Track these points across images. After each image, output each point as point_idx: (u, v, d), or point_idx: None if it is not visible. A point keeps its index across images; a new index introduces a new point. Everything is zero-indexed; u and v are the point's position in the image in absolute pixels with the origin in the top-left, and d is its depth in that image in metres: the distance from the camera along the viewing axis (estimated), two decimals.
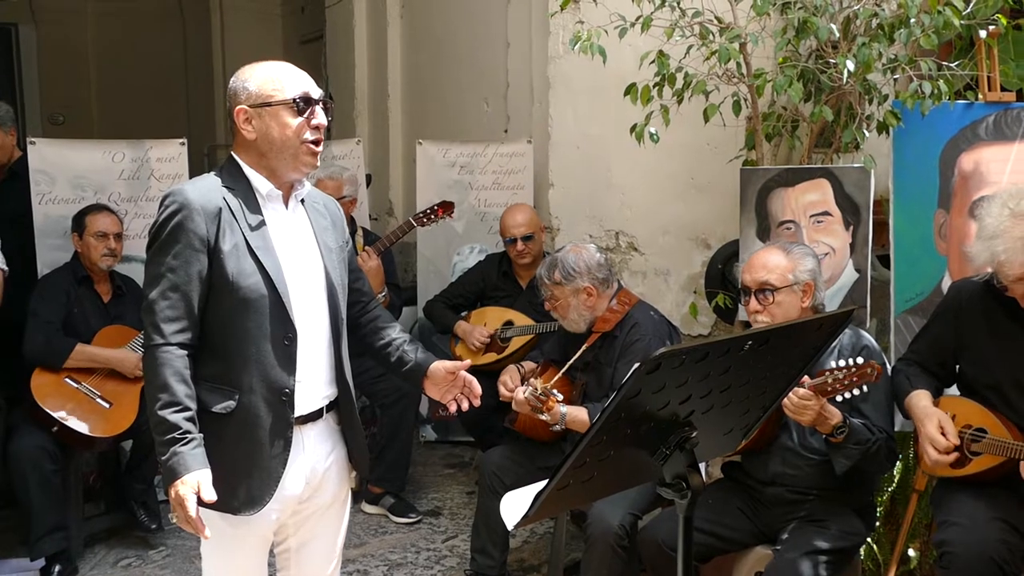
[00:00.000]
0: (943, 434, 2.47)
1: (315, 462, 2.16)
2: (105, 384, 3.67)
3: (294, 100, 2.03)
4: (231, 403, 2.03)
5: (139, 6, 9.12)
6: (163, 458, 1.94)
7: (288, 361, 2.05)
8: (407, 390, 4.03)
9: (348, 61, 6.53)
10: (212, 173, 2.12)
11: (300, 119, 2.04)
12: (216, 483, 1.97)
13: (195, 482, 1.91)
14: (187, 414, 1.96)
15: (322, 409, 2.17)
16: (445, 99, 5.70)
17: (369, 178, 5.58)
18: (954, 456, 2.46)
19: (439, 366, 2.24)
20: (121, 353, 3.71)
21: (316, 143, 2.07)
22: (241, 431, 2.04)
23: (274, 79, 2.06)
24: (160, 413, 1.94)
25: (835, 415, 2.51)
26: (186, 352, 2.00)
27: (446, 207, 4.31)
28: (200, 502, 1.94)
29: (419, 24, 5.97)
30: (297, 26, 8.55)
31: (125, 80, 9.03)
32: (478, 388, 2.25)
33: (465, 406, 2.25)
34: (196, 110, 9.28)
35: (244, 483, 2.04)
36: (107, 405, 3.63)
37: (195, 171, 3.58)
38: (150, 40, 9.22)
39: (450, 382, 2.24)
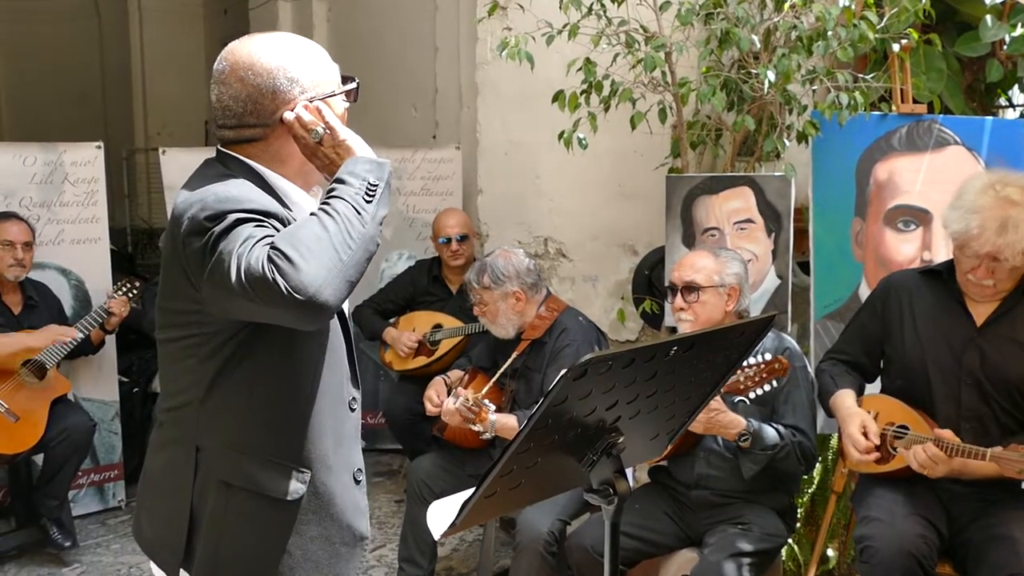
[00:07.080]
0: (865, 434, 2.54)
1: None
2: (13, 397, 3.51)
3: (348, 80, 1.68)
4: (301, 486, 1.58)
5: (51, 5, 8.82)
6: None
7: (355, 431, 1.68)
8: None
9: None
10: (232, 181, 1.52)
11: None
12: None
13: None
14: None
15: None
16: (373, 104, 5.63)
17: None
18: (876, 455, 2.53)
19: None
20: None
21: None
22: (320, 520, 1.60)
23: (320, 61, 1.65)
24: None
25: (738, 424, 2.56)
26: None
27: None
28: None
29: (346, 28, 5.89)
30: (220, 27, 8.37)
31: (37, 81, 8.72)
32: None
33: None
34: (113, 113, 9.00)
35: None
36: (13, 419, 3.48)
37: (113, 175, 3.46)
38: (64, 40, 8.93)
39: None
